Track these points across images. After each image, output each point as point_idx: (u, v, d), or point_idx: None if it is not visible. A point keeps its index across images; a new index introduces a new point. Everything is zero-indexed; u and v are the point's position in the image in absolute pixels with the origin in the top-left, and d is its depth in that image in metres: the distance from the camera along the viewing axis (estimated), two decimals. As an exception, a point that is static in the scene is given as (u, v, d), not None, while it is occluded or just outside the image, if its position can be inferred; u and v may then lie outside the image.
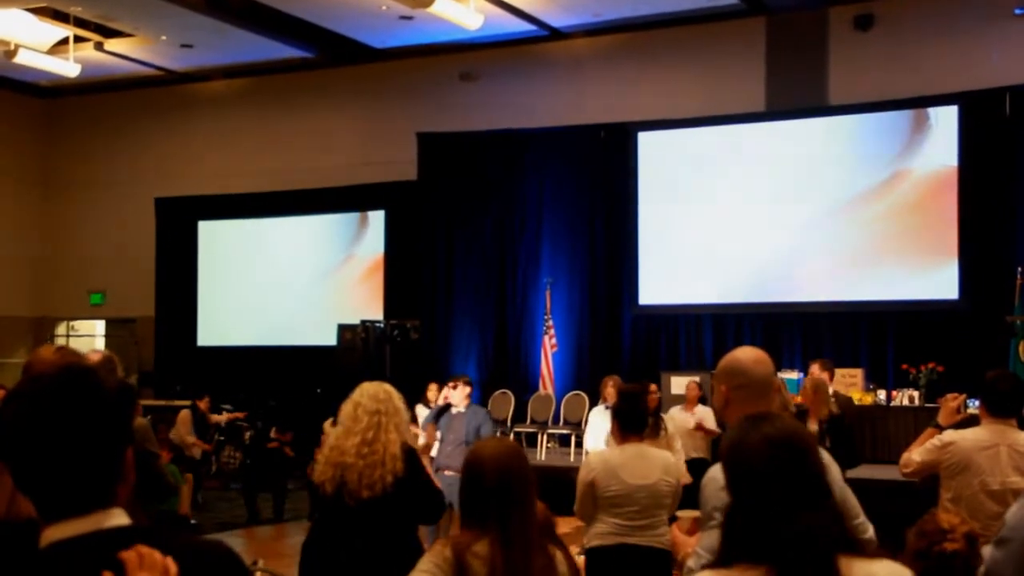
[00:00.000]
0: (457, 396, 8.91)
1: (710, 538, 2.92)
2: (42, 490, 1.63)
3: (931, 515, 3.31)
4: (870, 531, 3.31)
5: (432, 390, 10.42)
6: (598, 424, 9.32)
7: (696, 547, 3.21)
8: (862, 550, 1.99)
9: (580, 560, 5.15)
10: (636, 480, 4.88)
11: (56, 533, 1.61)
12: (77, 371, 1.70)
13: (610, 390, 9.41)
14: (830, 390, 9.07)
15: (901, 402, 12.42)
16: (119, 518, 1.65)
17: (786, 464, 1.99)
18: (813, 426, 7.84)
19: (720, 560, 1.99)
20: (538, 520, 2.97)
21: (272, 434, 12.79)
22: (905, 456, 5.01)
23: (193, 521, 10.88)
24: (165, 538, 1.63)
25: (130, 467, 1.68)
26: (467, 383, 9.14)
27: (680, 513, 3.37)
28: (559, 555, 2.96)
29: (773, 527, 1.91)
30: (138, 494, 1.72)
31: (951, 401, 5.12)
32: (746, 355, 3.28)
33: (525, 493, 2.93)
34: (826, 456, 2.97)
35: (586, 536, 5.08)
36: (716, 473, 2.81)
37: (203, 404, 14.17)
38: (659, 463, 5.00)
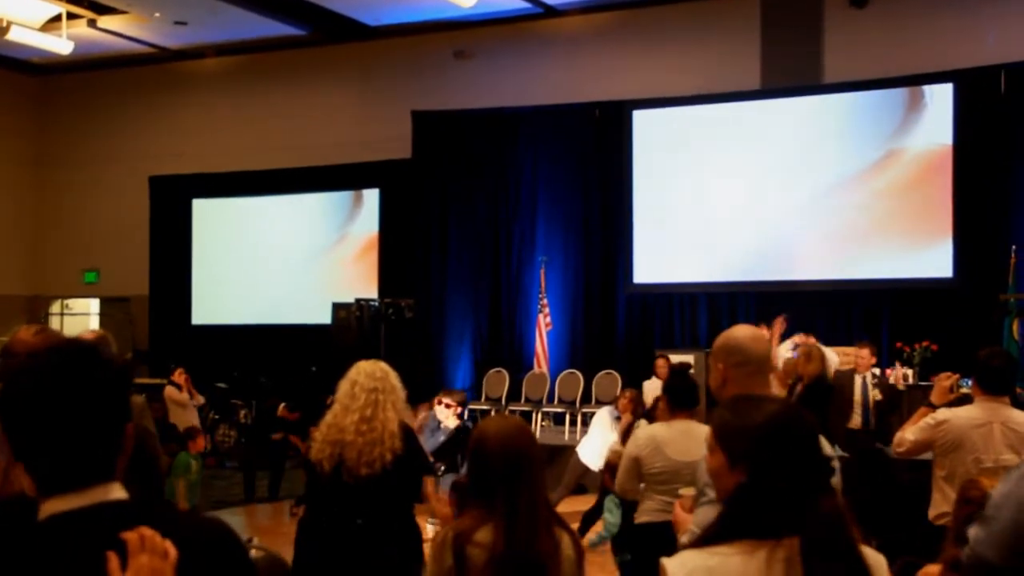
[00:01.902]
0: (448, 415, 8.90)
1: (704, 514, 2.91)
2: (44, 463, 1.64)
3: (973, 482, 3.30)
4: None
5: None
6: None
7: (691, 525, 3.22)
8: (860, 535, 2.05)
9: None
10: (681, 457, 4.87)
11: (56, 506, 1.62)
12: (81, 346, 1.72)
13: (659, 370, 9.16)
14: (870, 373, 9.16)
15: (895, 380, 12.43)
16: (118, 492, 1.66)
17: (806, 448, 2.06)
18: (798, 388, 8.02)
19: (717, 535, 2.00)
20: (546, 498, 2.92)
21: (280, 412, 12.63)
22: (899, 435, 5.03)
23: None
24: (164, 515, 1.65)
25: (130, 441, 1.70)
26: (462, 401, 9.14)
27: (683, 491, 3.35)
28: (566, 538, 2.89)
29: (796, 506, 1.96)
30: (130, 477, 1.72)
31: (944, 380, 5.14)
32: (743, 333, 3.29)
33: (532, 471, 2.86)
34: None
35: (637, 512, 5.14)
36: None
37: (177, 376, 13.82)
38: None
